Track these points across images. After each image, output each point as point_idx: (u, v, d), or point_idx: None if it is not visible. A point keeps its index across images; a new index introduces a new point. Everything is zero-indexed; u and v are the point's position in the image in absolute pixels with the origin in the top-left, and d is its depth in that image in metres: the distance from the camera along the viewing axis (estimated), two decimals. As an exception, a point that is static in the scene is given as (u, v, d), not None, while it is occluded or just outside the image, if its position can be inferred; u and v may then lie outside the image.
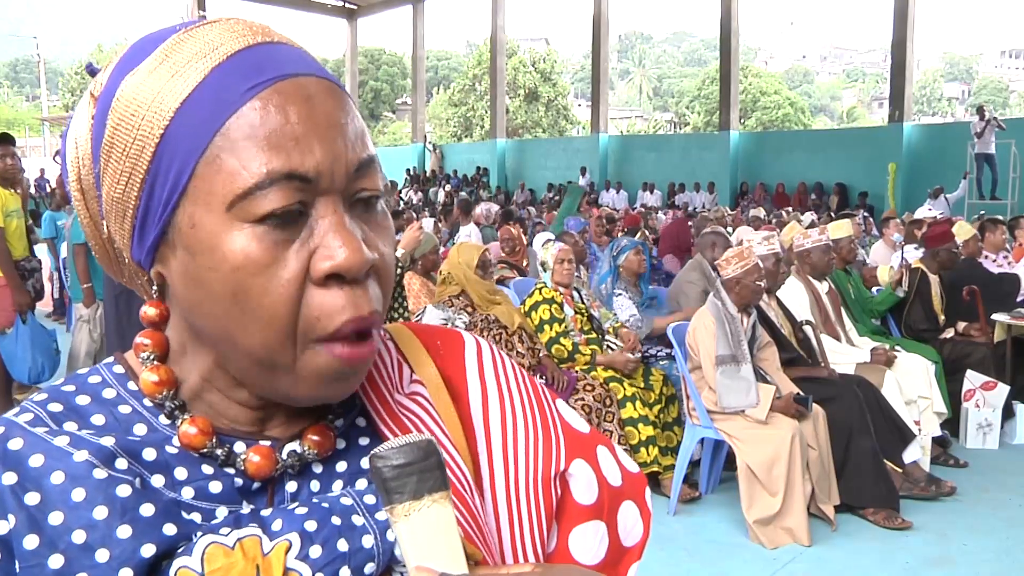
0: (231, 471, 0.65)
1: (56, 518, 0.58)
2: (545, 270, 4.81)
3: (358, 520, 0.63)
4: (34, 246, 5.68)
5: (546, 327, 4.57)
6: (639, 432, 4.28)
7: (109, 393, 0.67)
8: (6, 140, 5.32)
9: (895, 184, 17.81)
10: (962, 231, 6.28)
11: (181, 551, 0.59)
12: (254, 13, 29.40)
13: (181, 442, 0.64)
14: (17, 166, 5.39)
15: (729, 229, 8.84)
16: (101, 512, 0.58)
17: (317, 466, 0.68)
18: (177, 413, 0.66)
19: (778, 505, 3.79)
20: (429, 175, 27.41)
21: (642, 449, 4.27)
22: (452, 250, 4.97)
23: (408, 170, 28.08)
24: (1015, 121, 17.48)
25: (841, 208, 16.92)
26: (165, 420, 0.66)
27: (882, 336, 5.55)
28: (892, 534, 3.94)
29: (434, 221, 11.97)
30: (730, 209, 15.46)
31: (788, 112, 47.94)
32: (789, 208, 15.78)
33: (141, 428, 0.65)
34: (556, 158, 25.45)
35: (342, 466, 0.68)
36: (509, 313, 4.58)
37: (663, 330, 4.70)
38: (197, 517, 0.61)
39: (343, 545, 0.61)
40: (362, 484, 0.67)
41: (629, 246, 5.44)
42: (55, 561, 0.57)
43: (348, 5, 29.71)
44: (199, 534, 0.59)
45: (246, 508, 0.64)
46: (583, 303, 4.90)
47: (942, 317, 5.74)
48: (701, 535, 3.98)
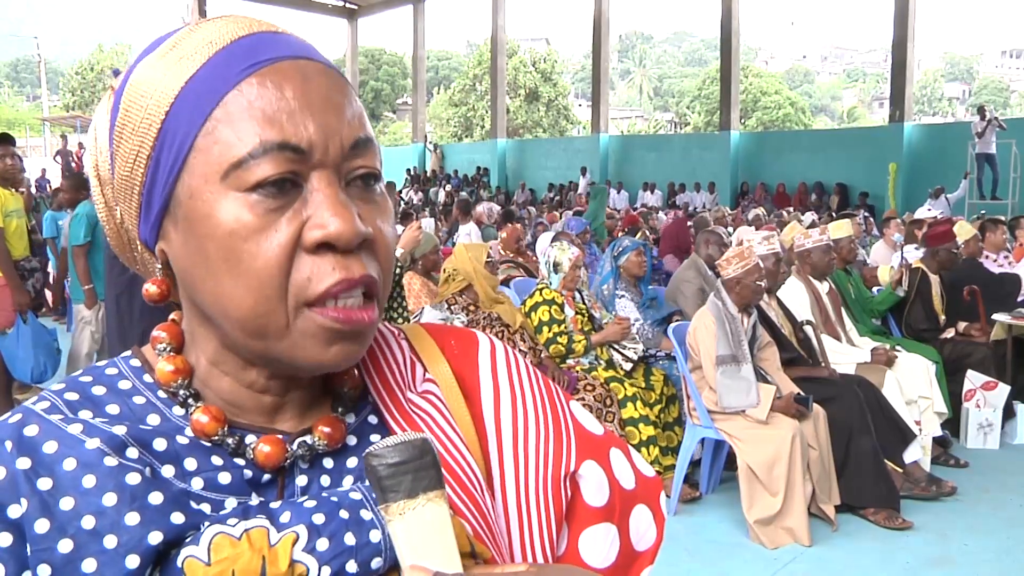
0: (241, 462, 0.66)
1: (67, 503, 0.59)
2: (557, 271, 4.80)
3: (366, 515, 0.63)
4: (36, 247, 5.68)
5: (545, 328, 4.57)
6: (640, 432, 4.28)
7: (125, 384, 0.68)
8: (6, 140, 5.32)
9: (896, 184, 17.81)
10: (963, 231, 6.28)
11: (189, 540, 0.59)
12: (255, 13, 29.28)
13: (193, 429, 0.65)
14: (17, 166, 5.39)
15: (729, 229, 8.85)
16: (110, 499, 0.59)
17: (328, 461, 0.68)
18: (191, 401, 0.67)
19: (779, 505, 3.79)
20: (429, 175, 27.41)
21: (643, 449, 4.27)
22: (458, 247, 4.97)
23: (408, 170, 28.09)
24: (1016, 121, 17.45)
25: (842, 208, 16.92)
26: (179, 411, 0.67)
27: (882, 336, 5.55)
28: (892, 534, 3.94)
29: (434, 221, 11.97)
30: (730, 209, 15.46)
31: (789, 112, 47.94)
32: (790, 208, 15.78)
33: (154, 418, 0.66)
34: (556, 158, 25.44)
35: (352, 462, 0.69)
36: (511, 312, 4.59)
37: (671, 348, 4.69)
38: (206, 508, 0.62)
39: (350, 539, 0.61)
40: None
41: (631, 247, 5.43)
42: (64, 546, 0.58)
43: (348, 5, 29.71)
44: (207, 524, 0.60)
45: (255, 500, 0.64)
46: (584, 303, 4.91)
47: (943, 317, 5.74)
48: (702, 535, 3.98)
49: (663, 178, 21.83)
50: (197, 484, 0.63)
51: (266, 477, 0.66)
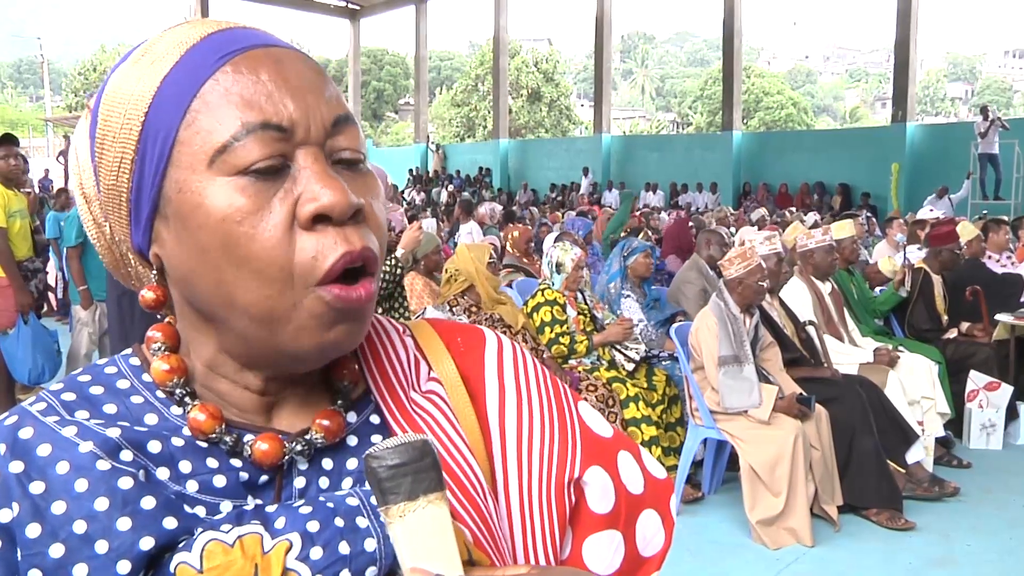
0: (237, 463, 0.65)
1: (59, 507, 0.58)
2: (559, 272, 4.79)
3: (362, 522, 0.62)
4: (40, 247, 5.68)
5: (547, 329, 4.56)
6: (642, 432, 4.27)
7: (123, 383, 0.68)
8: (9, 140, 5.33)
9: (898, 184, 17.79)
10: (965, 231, 6.28)
11: (182, 546, 0.59)
12: (256, 14, 29.44)
13: (191, 427, 0.65)
14: (21, 166, 5.39)
15: (732, 229, 8.83)
16: (102, 503, 0.58)
17: (327, 462, 0.67)
18: (187, 400, 0.66)
19: (781, 505, 3.79)
20: (432, 175, 27.42)
21: (645, 449, 4.26)
22: (460, 248, 4.97)
23: (411, 170, 28.08)
24: (1019, 121, 17.42)
25: (844, 208, 16.89)
26: (176, 410, 0.66)
27: (885, 336, 5.55)
28: (895, 535, 3.93)
29: (435, 221, 11.97)
30: (733, 209, 15.44)
31: (791, 112, 47.92)
32: (792, 208, 15.76)
33: (152, 418, 0.66)
34: (559, 158, 25.43)
35: (352, 463, 0.68)
36: (513, 313, 4.58)
37: (673, 348, 4.69)
38: (201, 511, 0.61)
39: (345, 548, 0.61)
40: None
41: (640, 248, 5.42)
42: (56, 551, 0.57)
43: (351, 5, 29.73)
44: (200, 530, 0.59)
45: (251, 504, 0.63)
46: (586, 304, 4.90)
47: (945, 317, 5.73)
48: (704, 535, 3.97)
49: (665, 178, 21.81)
50: (192, 487, 0.63)
51: (263, 479, 0.65)
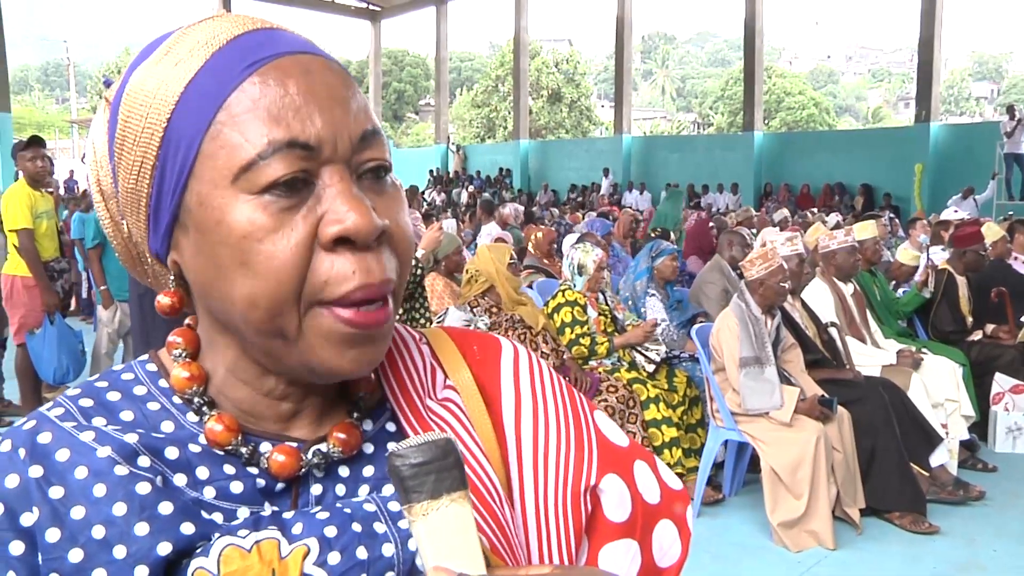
0: (254, 471, 0.64)
1: (78, 512, 0.59)
2: (581, 274, 4.79)
3: (380, 528, 0.62)
4: (64, 248, 5.75)
5: (567, 329, 4.56)
6: (662, 434, 4.26)
7: (140, 390, 0.68)
8: (38, 143, 5.40)
9: (921, 185, 17.62)
10: (991, 232, 6.21)
11: (199, 551, 0.59)
12: (277, 16, 29.59)
13: (207, 438, 0.64)
14: (48, 168, 5.47)
15: (753, 231, 8.78)
16: (120, 508, 0.58)
17: (344, 470, 0.67)
18: (205, 409, 0.66)
19: (802, 508, 3.76)
20: (452, 176, 27.47)
21: (665, 451, 4.25)
22: (481, 249, 4.97)
23: (431, 171, 28.16)
24: (1045, 120, 17.18)
25: (867, 209, 16.75)
26: (193, 418, 0.66)
27: (908, 338, 5.50)
28: (919, 539, 3.90)
29: (456, 221, 11.98)
30: (754, 210, 15.34)
31: (813, 112, 47.60)
32: (814, 209, 15.64)
33: (168, 425, 0.65)
34: (579, 159, 25.41)
35: (369, 471, 0.68)
36: (534, 314, 4.58)
37: (695, 349, 4.67)
38: (218, 517, 0.61)
39: (362, 553, 0.61)
40: (388, 490, 0.66)
41: (667, 251, 5.42)
42: (75, 555, 0.58)
43: (372, 7, 29.85)
44: (217, 535, 0.59)
45: (268, 510, 0.63)
46: (607, 305, 4.89)
47: (970, 319, 5.67)
48: (725, 538, 3.96)
49: (686, 179, 21.72)
50: (209, 493, 0.62)
51: (280, 486, 0.65)
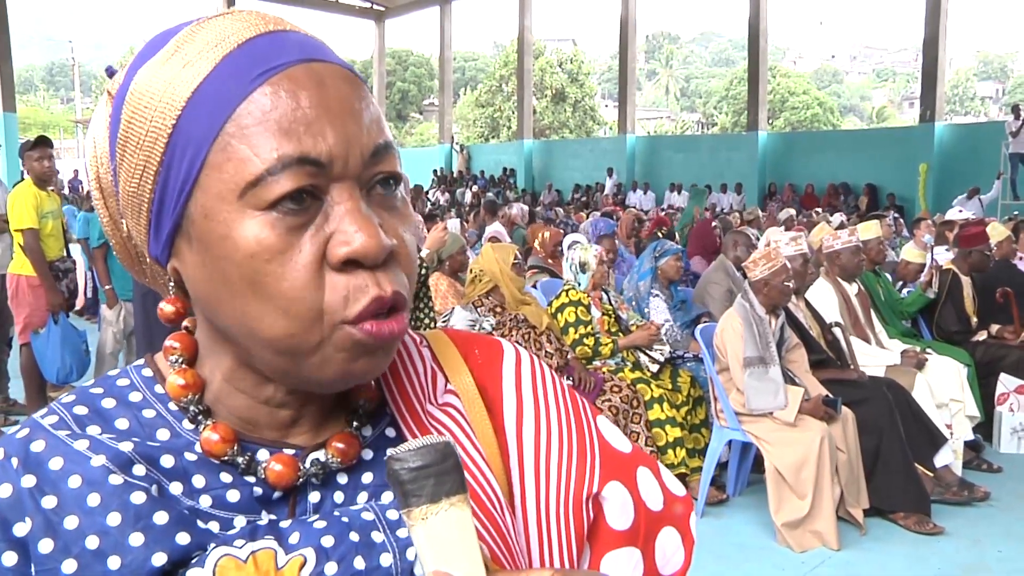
0: (251, 480, 0.64)
1: (71, 522, 0.58)
2: (584, 271, 4.79)
3: (378, 537, 0.62)
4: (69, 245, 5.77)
5: (571, 329, 4.56)
6: (667, 434, 4.26)
7: (135, 396, 0.67)
8: (44, 143, 5.41)
9: (926, 185, 17.58)
10: (996, 232, 6.20)
11: (195, 562, 0.58)
12: (281, 15, 29.48)
13: (203, 448, 0.63)
14: (53, 168, 5.49)
15: (756, 231, 8.77)
16: (115, 519, 0.58)
17: (342, 477, 0.66)
18: (200, 418, 0.65)
19: (806, 508, 3.76)
20: (456, 176, 27.47)
21: (669, 451, 4.25)
22: (485, 248, 4.98)
23: (435, 171, 28.16)
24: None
25: (871, 209, 16.72)
26: (189, 425, 0.65)
27: (913, 338, 5.48)
28: (923, 539, 3.89)
29: (459, 221, 11.98)
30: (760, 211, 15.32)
31: (817, 112, 47.58)
32: (818, 209, 15.62)
33: (164, 433, 0.64)
34: (583, 159, 25.40)
35: (368, 478, 0.67)
36: (538, 314, 4.58)
37: (699, 350, 4.67)
38: (214, 526, 0.61)
39: (360, 563, 0.60)
40: (387, 498, 0.65)
41: (671, 251, 5.41)
42: (68, 566, 0.57)
43: (376, 7, 29.86)
44: (213, 545, 0.59)
45: (265, 518, 0.62)
46: (611, 304, 4.89)
47: (974, 319, 5.66)
48: (728, 538, 3.95)
49: (690, 179, 21.68)
50: (205, 502, 0.62)
51: (277, 494, 0.64)
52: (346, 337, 0.58)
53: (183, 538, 0.58)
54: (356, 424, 0.68)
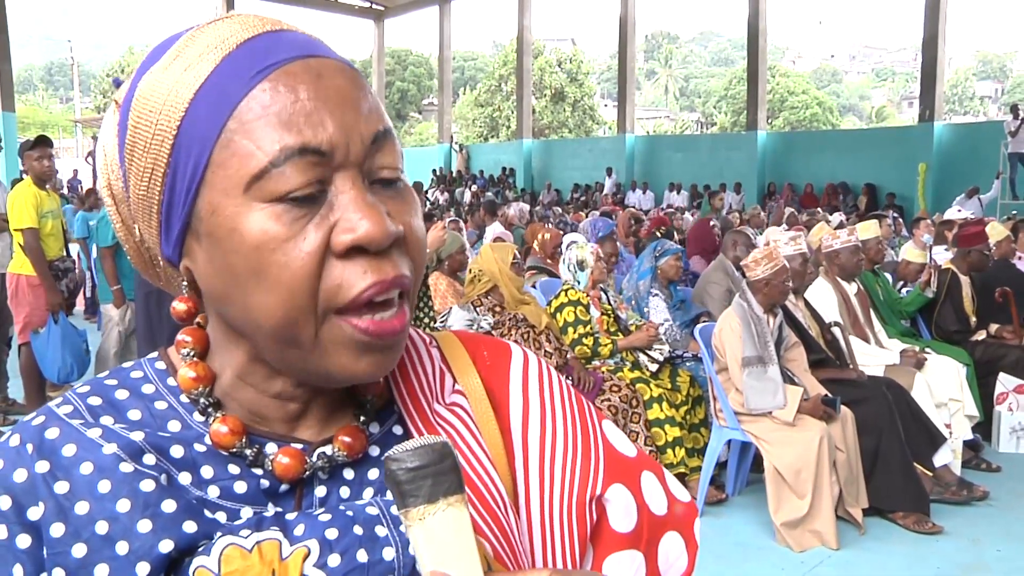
0: (259, 472, 0.65)
1: (82, 508, 0.59)
2: (583, 268, 4.79)
3: (381, 531, 0.63)
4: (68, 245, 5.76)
5: (570, 329, 4.56)
6: (666, 433, 4.26)
7: (148, 388, 0.68)
8: (44, 142, 5.41)
9: (925, 184, 17.59)
10: (995, 232, 6.20)
11: (201, 550, 0.59)
12: (281, 15, 29.48)
13: (212, 440, 0.65)
14: (53, 167, 5.49)
15: (755, 231, 8.77)
16: (124, 505, 0.59)
17: (348, 472, 0.67)
18: (211, 411, 0.66)
19: (806, 508, 3.76)
20: (455, 175, 27.46)
21: (669, 450, 4.25)
22: (484, 248, 4.98)
23: (434, 170, 28.16)
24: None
25: (870, 209, 16.72)
26: (199, 417, 0.66)
27: (912, 338, 5.49)
28: (922, 539, 3.89)
29: (455, 221, 11.96)
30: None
31: (816, 112, 47.59)
32: (818, 209, 15.62)
33: (175, 424, 0.66)
34: (582, 158, 25.40)
35: (374, 474, 0.68)
36: (537, 313, 4.58)
37: (698, 349, 4.67)
38: (222, 516, 0.62)
39: (363, 556, 0.61)
40: None
41: (672, 251, 5.41)
42: (78, 550, 0.58)
43: (375, 6, 29.85)
44: (219, 534, 0.60)
45: (271, 510, 0.63)
46: (610, 304, 4.89)
47: (973, 319, 5.66)
48: (728, 537, 3.95)
49: (689, 179, 21.71)
50: (213, 492, 0.63)
51: (284, 487, 0.65)
52: (339, 330, 0.59)
53: (190, 526, 0.60)
54: (363, 420, 0.69)
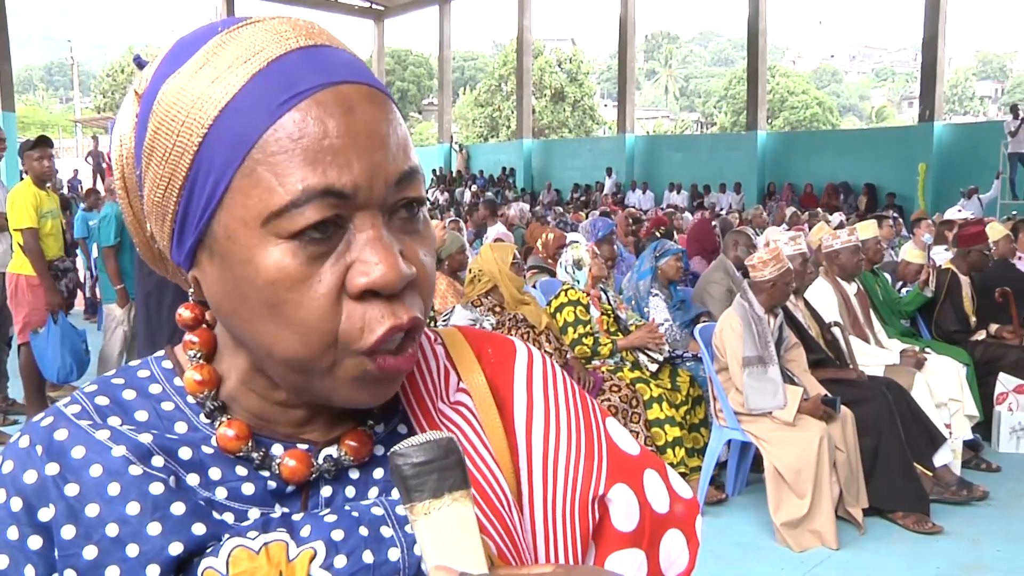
0: (265, 474, 0.65)
1: (92, 510, 0.60)
2: (581, 267, 4.79)
3: (387, 532, 0.63)
4: (67, 247, 5.75)
5: (570, 329, 4.56)
6: (666, 433, 4.26)
7: (155, 388, 0.68)
8: (45, 142, 5.41)
9: (925, 184, 17.60)
10: (995, 232, 6.20)
11: (209, 551, 0.60)
12: (281, 15, 29.55)
13: (218, 444, 0.65)
14: (53, 167, 5.48)
15: (755, 231, 8.77)
16: (134, 508, 0.59)
17: (354, 472, 0.68)
18: (216, 414, 0.66)
19: (806, 508, 3.76)
20: (455, 175, 27.48)
21: (668, 450, 4.25)
22: (484, 248, 4.98)
23: (435, 170, 28.16)
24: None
25: (870, 209, 16.73)
26: (206, 419, 0.67)
27: (912, 338, 5.49)
28: (922, 539, 3.89)
29: (455, 221, 11.96)
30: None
31: (816, 112, 47.61)
32: (818, 209, 15.63)
33: (182, 426, 0.66)
34: (582, 158, 25.40)
35: (379, 473, 0.68)
36: (537, 313, 4.58)
37: (698, 349, 4.67)
38: (229, 517, 0.62)
39: (368, 557, 0.61)
40: (397, 494, 0.65)
41: (672, 251, 5.41)
42: (89, 552, 0.59)
43: (375, 6, 29.85)
44: (227, 536, 0.60)
45: (278, 511, 0.64)
46: (610, 304, 4.89)
47: (973, 319, 5.66)
48: (728, 537, 3.95)
49: (689, 178, 21.72)
50: (221, 494, 0.63)
51: (290, 488, 0.66)
52: (358, 366, 0.60)
53: (199, 528, 0.60)
54: (370, 422, 0.70)
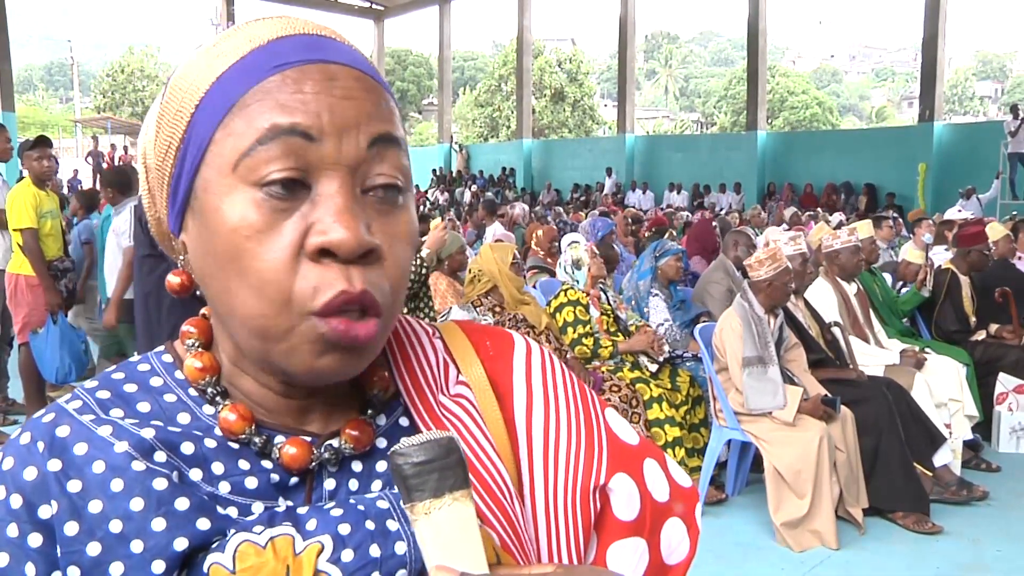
0: (268, 465, 0.65)
1: (95, 507, 0.59)
2: (580, 267, 4.79)
3: (393, 525, 0.63)
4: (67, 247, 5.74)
5: (570, 329, 4.56)
6: (666, 433, 4.26)
7: (156, 381, 0.69)
8: (45, 142, 5.41)
9: (925, 184, 17.60)
10: (995, 231, 6.20)
11: (215, 547, 0.59)
12: (282, 14, 29.57)
13: (221, 427, 0.65)
14: (53, 167, 5.48)
15: (755, 230, 8.77)
16: (137, 504, 0.59)
17: (357, 464, 0.68)
18: (219, 399, 0.67)
19: (806, 508, 3.76)
20: (455, 176, 27.48)
21: (669, 450, 4.25)
22: (484, 248, 4.98)
23: (434, 170, 28.17)
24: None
25: (870, 209, 16.73)
26: (208, 409, 0.67)
27: (911, 338, 5.49)
28: (922, 539, 3.89)
29: (452, 221, 11.97)
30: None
31: (816, 112, 47.62)
32: (818, 209, 15.63)
33: (184, 417, 0.66)
34: (582, 158, 25.40)
35: (382, 466, 0.68)
36: (537, 313, 4.58)
37: (698, 349, 4.67)
38: (233, 512, 0.62)
39: (375, 551, 0.61)
40: None
41: (672, 251, 5.41)
42: (93, 548, 0.59)
43: (375, 6, 29.86)
44: (232, 531, 0.60)
45: (282, 505, 0.64)
46: (610, 304, 4.89)
47: (973, 319, 5.66)
48: (727, 537, 3.95)
49: (689, 178, 21.73)
50: (224, 488, 0.63)
51: (293, 481, 0.66)
52: (313, 329, 0.59)
53: (203, 524, 0.60)
54: (370, 412, 0.70)
